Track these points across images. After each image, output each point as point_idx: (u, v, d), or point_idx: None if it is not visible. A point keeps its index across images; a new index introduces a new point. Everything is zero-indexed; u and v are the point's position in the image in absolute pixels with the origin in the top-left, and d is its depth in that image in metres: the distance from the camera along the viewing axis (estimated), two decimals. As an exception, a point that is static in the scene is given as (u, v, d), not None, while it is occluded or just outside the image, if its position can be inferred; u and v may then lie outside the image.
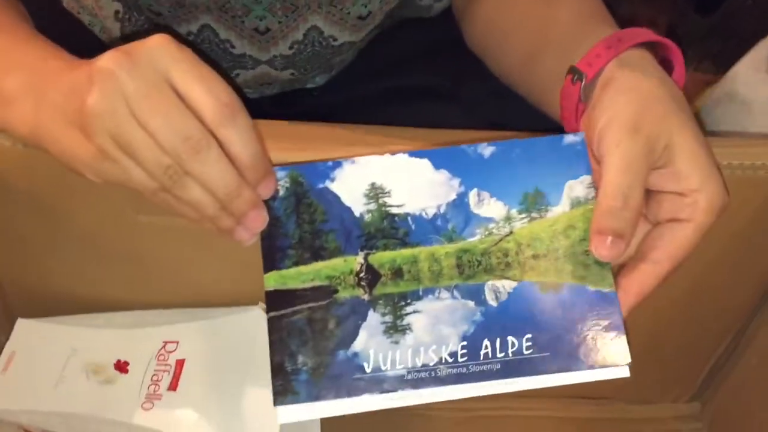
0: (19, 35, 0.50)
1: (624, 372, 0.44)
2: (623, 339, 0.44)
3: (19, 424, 0.57)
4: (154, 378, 0.58)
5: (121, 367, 0.59)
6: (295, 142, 0.51)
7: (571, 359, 0.44)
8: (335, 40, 0.65)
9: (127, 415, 0.55)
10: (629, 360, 0.44)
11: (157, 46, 0.41)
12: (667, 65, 0.49)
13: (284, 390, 0.44)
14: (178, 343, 0.60)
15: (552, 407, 0.78)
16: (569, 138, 0.46)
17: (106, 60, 0.41)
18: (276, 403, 0.44)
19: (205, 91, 0.41)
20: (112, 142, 0.41)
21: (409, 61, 0.76)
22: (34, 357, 0.59)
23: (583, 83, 0.48)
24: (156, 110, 0.40)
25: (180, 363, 0.59)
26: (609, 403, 0.78)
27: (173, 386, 0.57)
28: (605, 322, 0.44)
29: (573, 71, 0.49)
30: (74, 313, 0.62)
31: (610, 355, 0.44)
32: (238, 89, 0.44)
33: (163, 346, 0.60)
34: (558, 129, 0.50)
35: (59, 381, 0.58)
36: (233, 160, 0.42)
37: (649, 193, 0.46)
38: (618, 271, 0.46)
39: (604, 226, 0.43)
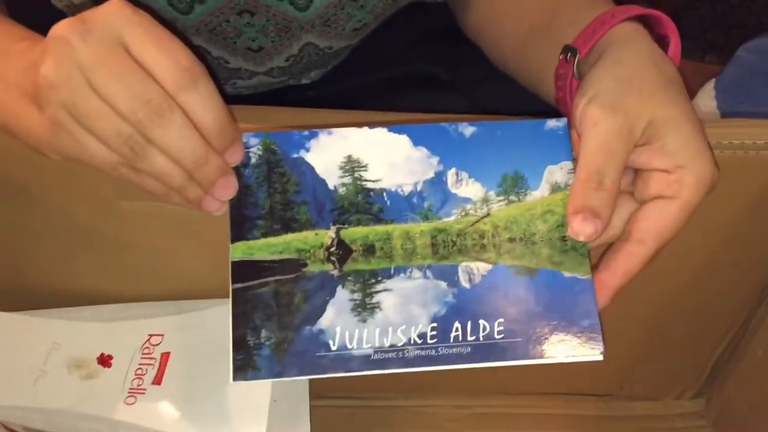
0: None
1: (598, 357, 0.43)
2: (597, 327, 0.43)
3: (-1, 420, 0.56)
4: (138, 372, 0.56)
5: (105, 360, 0.57)
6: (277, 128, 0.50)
7: (542, 346, 0.43)
8: (331, 48, 0.64)
9: (110, 410, 0.54)
10: (602, 348, 0.43)
11: (113, 11, 0.39)
12: (664, 41, 0.48)
13: (245, 365, 0.42)
14: (163, 336, 0.59)
15: (555, 404, 0.76)
16: (551, 123, 0.46)
17: (60, 27, 0.39)
18: (235, 378, 0.42)
19: (164, 55, 0.39)
20: (67, 113, 0.39)
21: (404, 51, 0.75)
22: (13, 351, 0.58)
23: (576, 59, 0.47)
24: (112, 76, 0.38)
25: (165, 356, 0.57)
26: (613, 401, 0.77)
27: (158, 380, 0.56)
28: (579, 310, 0.43)
29: (567, 49, 0.48)
30: (56, 306, 0.61)
31: (584, 344, 0.43)
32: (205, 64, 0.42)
33: (148, 339, 0.58)
34: (553, 116, 0.49)
35: (40, 376, 0.56)
36: (197, 127, 0.40)
37: (637, 172, 0.45)
38: (605, 251, 0.45)
39: (579, 206, 0.42)
